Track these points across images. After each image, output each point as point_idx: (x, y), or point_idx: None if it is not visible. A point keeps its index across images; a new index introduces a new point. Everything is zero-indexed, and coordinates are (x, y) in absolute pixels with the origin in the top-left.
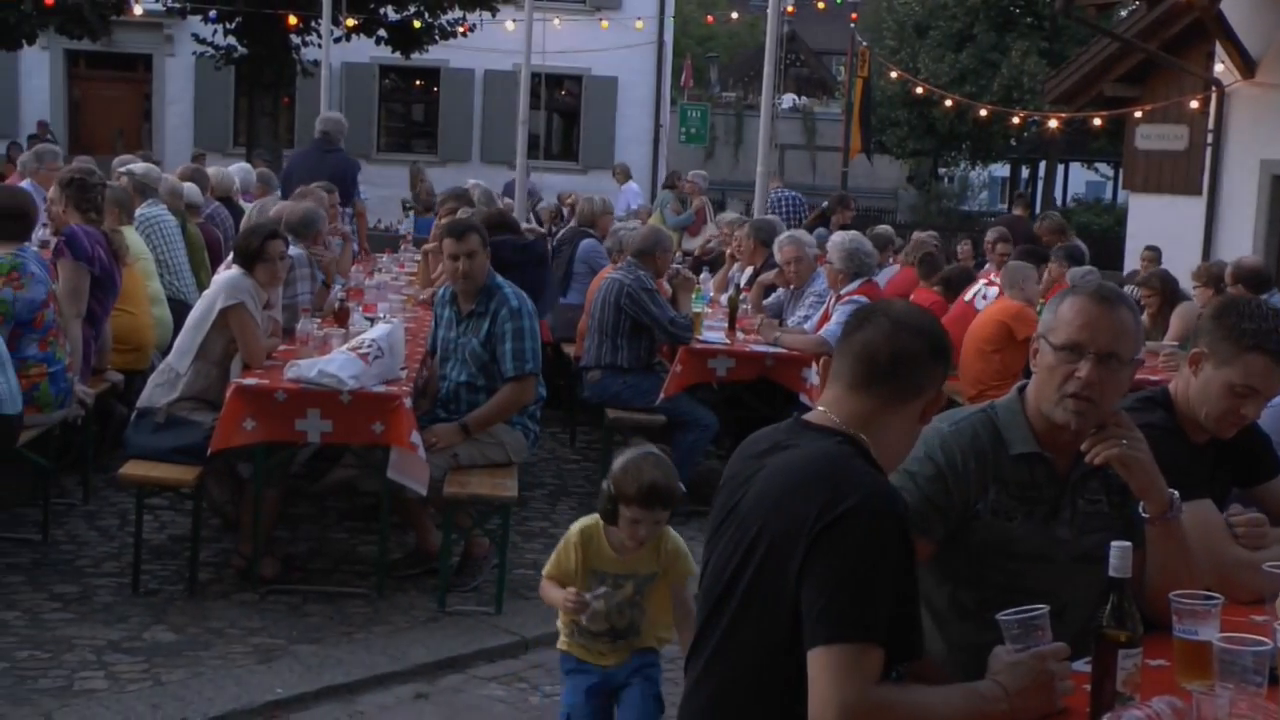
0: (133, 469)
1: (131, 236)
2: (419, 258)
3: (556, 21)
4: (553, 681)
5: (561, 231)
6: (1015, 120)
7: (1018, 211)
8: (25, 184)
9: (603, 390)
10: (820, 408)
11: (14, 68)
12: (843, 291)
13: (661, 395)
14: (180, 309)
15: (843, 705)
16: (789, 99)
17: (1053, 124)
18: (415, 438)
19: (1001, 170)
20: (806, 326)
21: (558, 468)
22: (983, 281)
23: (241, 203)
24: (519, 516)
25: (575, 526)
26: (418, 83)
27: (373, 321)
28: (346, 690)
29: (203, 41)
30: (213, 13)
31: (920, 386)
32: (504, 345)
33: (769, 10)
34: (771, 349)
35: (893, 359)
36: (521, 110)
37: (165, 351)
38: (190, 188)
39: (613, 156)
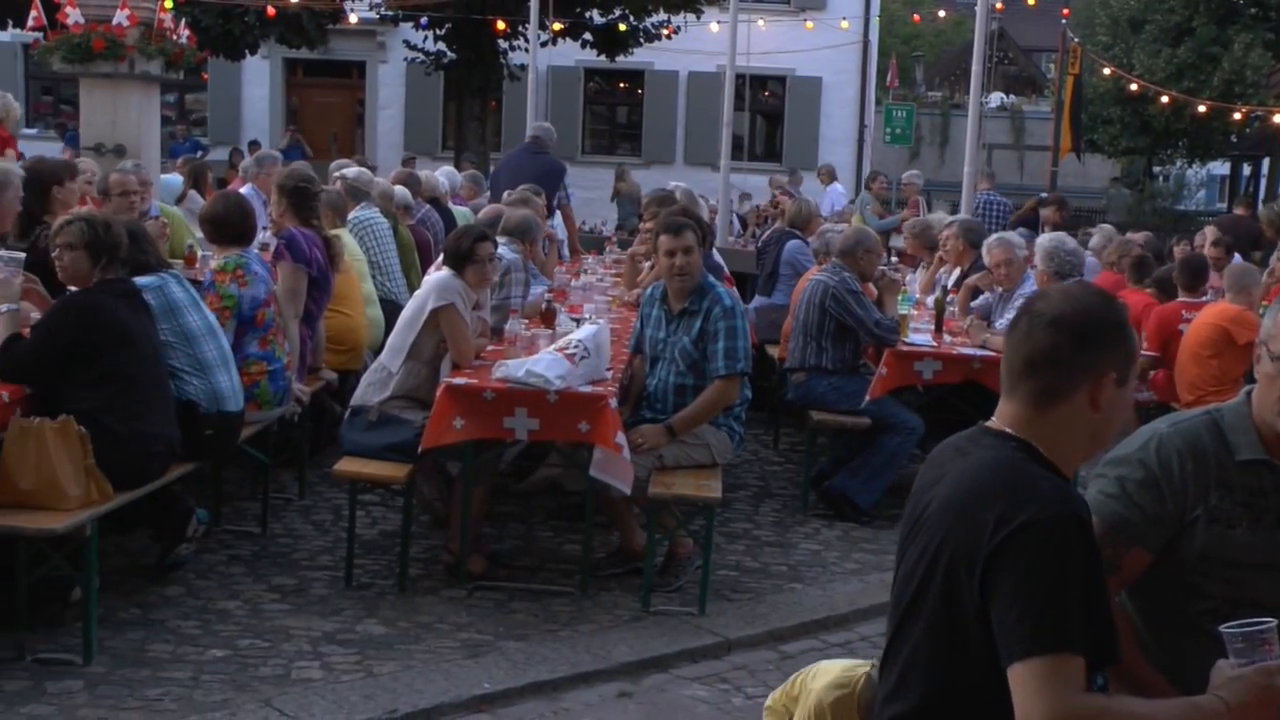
0: (346, 465)
1: (345, 239)
2: (624, 259)
3: (761, 22)
4: (756, 684)
5: (768, 232)
6: (1237, 116)
7: (1239, 210)
8: (246, 188)
9: (807, 392)
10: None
11: (237, 77)
12: None
13: (866, 398)
14: (392, 309)
15: (1052, 719)
16: (997, 97)
17: (1278, 119)
18: (620, 438)
19: (1221, 168)
20: None
21: (761, 469)
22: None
23: (451, 205)
24: (722, 518)
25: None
26: (622, 85)
27: (579, 322)
28: (551, 687)
29: (414, 48)
30: (424, 20)
31: (1070, 380)
32: (716, 344)
33: (977, 7)
34: (979, 351)
35: (1027, 362)
36: (725, 112)
37: (377, 351)
38: (402, 191)
39: (817, 158)
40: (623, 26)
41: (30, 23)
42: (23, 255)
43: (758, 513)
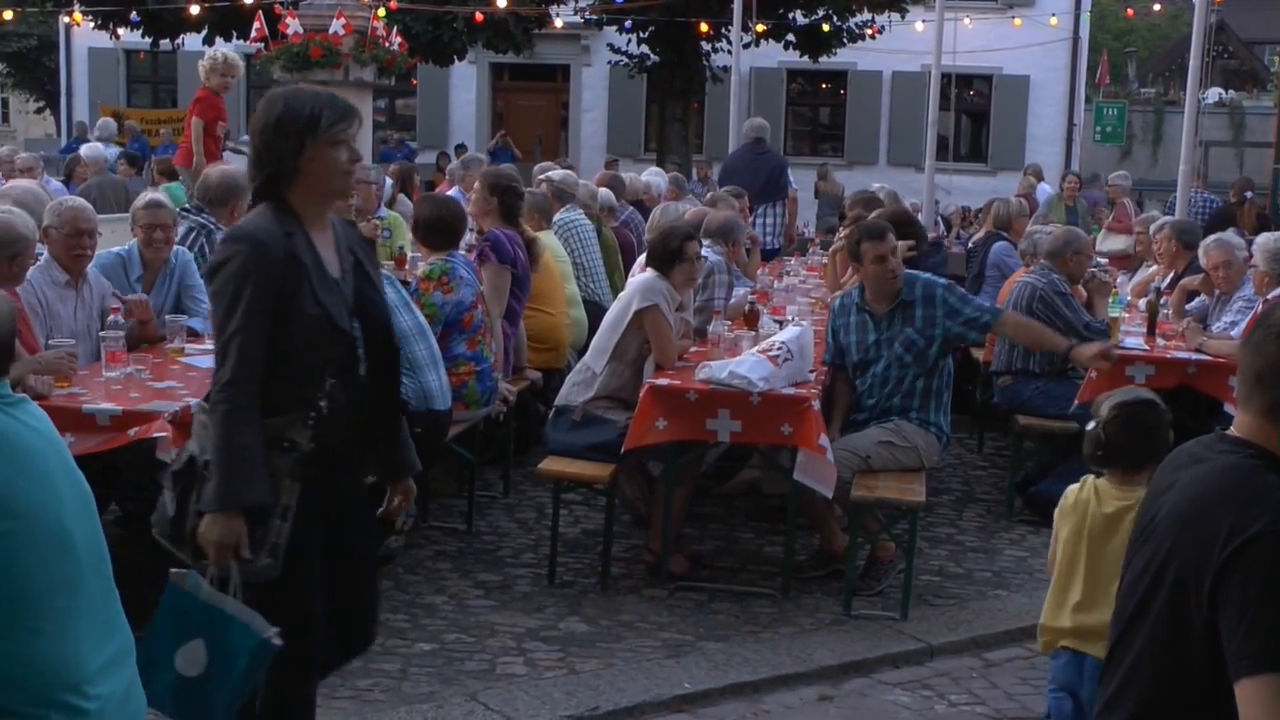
0: (551, 464)
1: (549, 240)
2: (826, 260)
3: (967, 21)
4: (959, 691)
5: (975, 235)
6: None
7: None
8: (453, 191)
9: (1013, 396)
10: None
11: (445, 82)
12: (1270, 295)
13: (1075, 402)
14: (595, 311)
15: None
16: (1214, 93)
17: None
18: (823, 440)
19: None
20: (1233, 333)
21: (965, 474)
22: None
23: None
24: (925, 522)
25: None
26: (824, 86)
27: (781, 324)
28: (752, 689)
29: (617, 51)
30: (627, 23)
31: None
32: (964, 310)
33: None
34: (1195, 355)
35: (1257, 376)
36: (931, 111)
37: (581, 351)
38: (605, 193)
39: (1023, 158)
40: (826, 27)
41: (253, 34)
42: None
43: (961, 518)
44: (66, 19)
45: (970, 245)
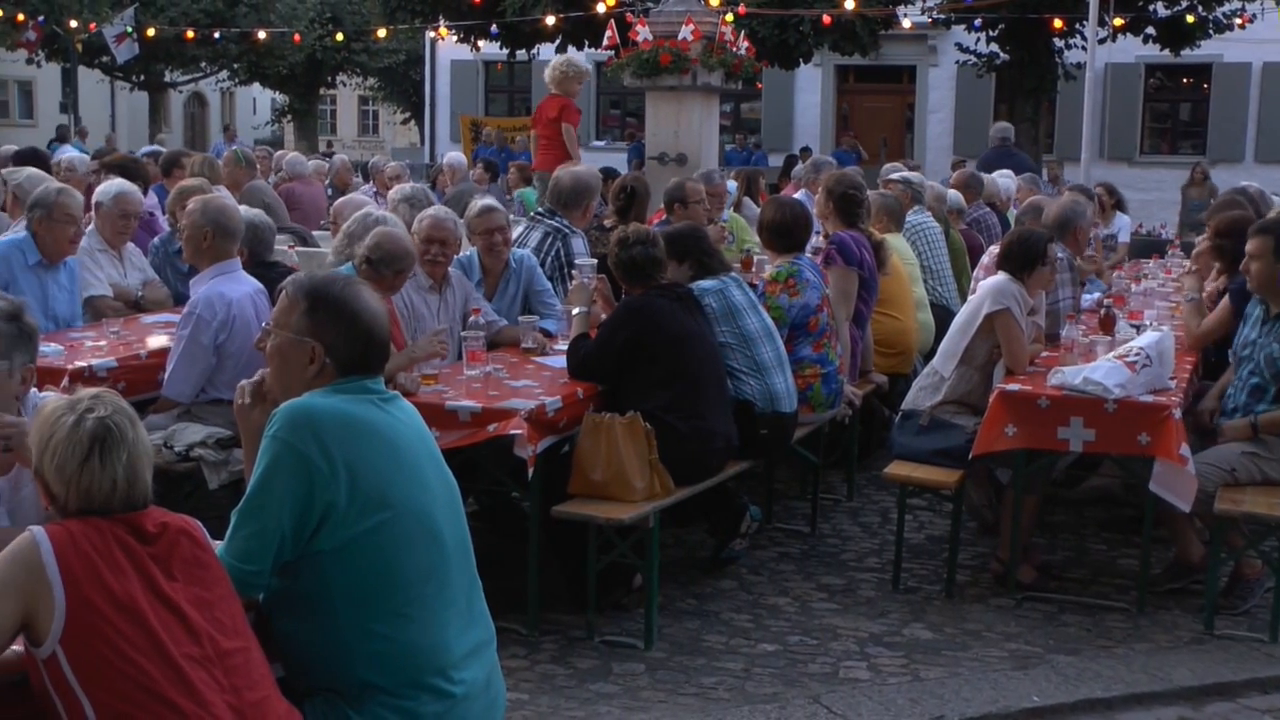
0: (897, 469)
1: (896, 243)
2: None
3: None
4: None
5: None
6: None
7: None
8: (800, 194)
9: None
10: None
11: (789, 85)
12: None
13: None
14: (943, 314)
15: None
16: None
17: None
18: (1184, 450)
19: None
20: None
21: None
22: None
23: (1013, 211)
24: None
25: None
26: (1185, 80)
27: (1139, 329)
28: (1104, 705)
29: (965, 50)
30: (977, 21)
31: None
32: None
33: None
34: None
35: None
36: None
37: (927, 356)
38: (955, 194)
39: None
40: (1190, 18)
41: (605, 41)
42: (595, 261)
43: None
44: (432, 34)
45: None
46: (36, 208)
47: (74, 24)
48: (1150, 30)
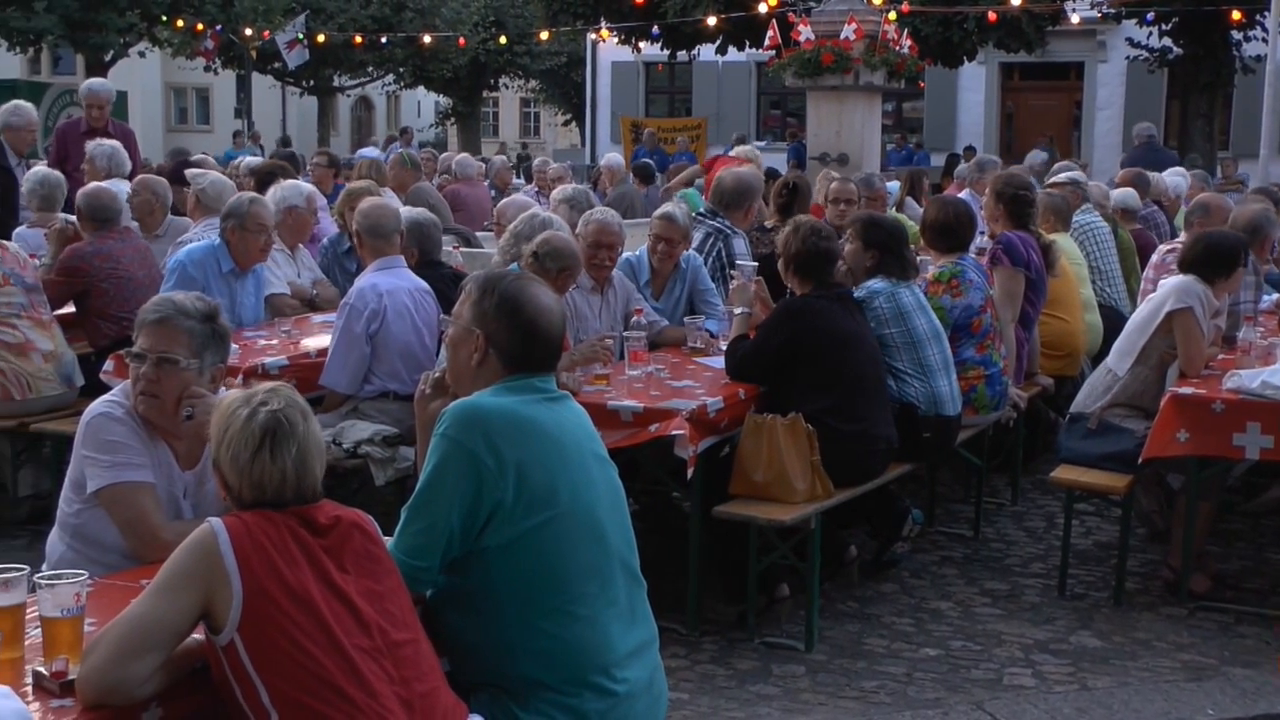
0: (1063, 473)
1: (1065, 244)
2: None
3: None
4: None
5: None
6: None
7: None
8: (965, 194)
9: None
10: None
11: (953, 83)
12: None
13: None
14: (1111, 316)
15: None
16: None
17: None
18: None
19: None
20: None
21: None
22: None
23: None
24: None
25: None
26: None
27: None
28: None
29: (1136, 45)
30: (1149, 15)
31: None
32: None
33: None
34: None
35: None
36: None
37: (1095, 358)
38: (1121, 194)
39: None
40: None
41: (766, 42)
42: (756, 264)
43: None
44: (594, 36)
45: None
46: (230, 217)
47: (249, 32)
48: None
